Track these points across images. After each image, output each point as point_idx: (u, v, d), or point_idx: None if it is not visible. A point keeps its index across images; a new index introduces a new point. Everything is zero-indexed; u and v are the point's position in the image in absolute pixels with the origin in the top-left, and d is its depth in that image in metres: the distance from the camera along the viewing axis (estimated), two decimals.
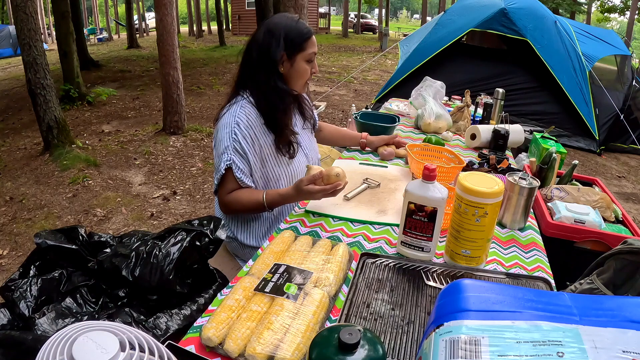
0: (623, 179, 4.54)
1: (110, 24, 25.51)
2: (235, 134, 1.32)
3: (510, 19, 5.07)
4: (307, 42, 1.38)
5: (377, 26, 24.87)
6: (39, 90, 4.24)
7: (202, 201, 3.61)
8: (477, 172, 1.06)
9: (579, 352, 0.51)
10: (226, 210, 1.41)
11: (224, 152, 1.32)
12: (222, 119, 1.37)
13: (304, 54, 1.38)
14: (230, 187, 1.35)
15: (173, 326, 1.30)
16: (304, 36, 1.38)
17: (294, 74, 1.40)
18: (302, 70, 1.40)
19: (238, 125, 1.32)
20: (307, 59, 1.40)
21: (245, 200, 1.35)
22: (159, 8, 4.85)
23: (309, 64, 1.42)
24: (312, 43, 1.40)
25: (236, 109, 1.35)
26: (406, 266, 1.04)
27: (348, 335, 0.59)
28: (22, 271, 1.48)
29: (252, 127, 1.35)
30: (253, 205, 1.35)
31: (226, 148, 1.32)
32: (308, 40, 1.38)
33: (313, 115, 1.67)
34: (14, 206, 3.52)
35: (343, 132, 1.94)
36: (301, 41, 1.37)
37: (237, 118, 1.33)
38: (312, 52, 1.40)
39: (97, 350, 0.51)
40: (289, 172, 1.47)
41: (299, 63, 1.39)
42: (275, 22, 1.38)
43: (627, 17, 17.87)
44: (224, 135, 1.33)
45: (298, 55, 1.38)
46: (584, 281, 1.15)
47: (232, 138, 1.32)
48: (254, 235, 1.49)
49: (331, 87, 8.30)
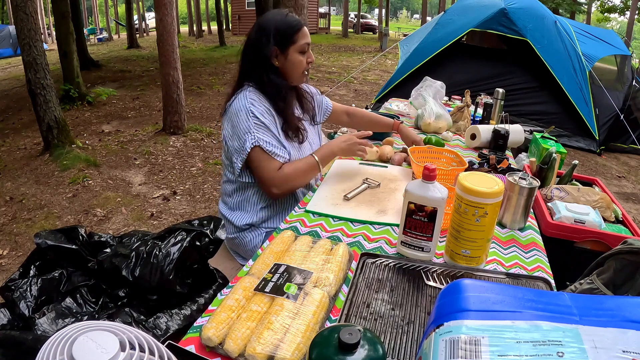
0: (623, 179, 4.54)
1: (110, 24, 25.52)
2: (252, 112, 1.35)
3: (510, 19, 5.07)
4: (297, 33, 1.40)
5: (377, 26, 24.87)
6: (39, 90, 4.24)
7: (202, 201, 3.61)
8: (477, 172, 1.06)
9: (579, 352, 0.51)
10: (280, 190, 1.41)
11: (246, 131, 1.35)
12: (233, 106, 1.39)
13: (296, 45, 1.41)
14: (269, 164, 1.38)
15: (173, 326, 1.30)
16: (294, 28, 1.40)
17: (289, 66, 1.43)
18: (296, 61, 1.43)
19: (253, 104, 1.36)
20: (300, 50, 1.42)
21: (302, 164, 1.43)
22: (159, 8, 4.84)
23: (303, 55, 1.44)
24: (303, 34, 1.41)
25: (245, 93, 1.39)
26: (406, 266, 1.04)
27: (348, 335, 0.59)
28: (22, 271, 1.48)
29: (264, 105, 1.39)
30: (309, 167, 1.44)
31: (247, 129, 1.35)
32: (299, 32, 1.40)
33: (313, 107, 1.67)
34: (14, 206, 3.52)
35: (374, 119, 1.92)
36: (292, 33, 1.39)
37: (250, 99, 1.37)
38: (304, 43, 1.42)
39: (97, 350, 0.51)
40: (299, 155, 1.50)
41: (292, 55, 1.41)
42: (265, 19, 1.42)
43: (627, 17, 17.87)
44: (241, 119, 1.36)
45: (290, 48, 1.40)
46: (584, 281, 1.15)
47: (250, 118, 1.35)
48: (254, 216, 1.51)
49: (331, 87, 8.30)
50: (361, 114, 1.88)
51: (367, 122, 1.89)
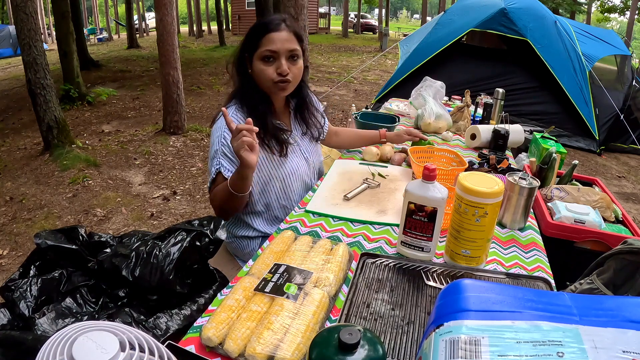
0: (623, 179, 4.54)
1: (110, 24, 25.53)
2: (224, 137, 1.29)
3: (510, 19, 5.07)
4: (261, 39, 1.26)
5: (377, 26, 24.87)
6: (39, 90, 4.24)
7: (202, 201, 3.61)
8: (477, 172, 1.06)
9: (579, 352, 0.51)
10: (214, 209, 1.36)
11: (214, 156, 1.31)
12: (216, 123, 1.35)
13: (257, 52, 1.28)
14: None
15: (173, 326, 1.31)
16: (260, 32, 1.26)
17: (256, 74, 1.32)
18: (258, 71, 1.30)
19: (227, 130, 1.29)
20: (261, 57, 1.28)
21: (218, 189, 1.27)
22: (159, 8, 4.85)
23: (267, 64, 1.28)
24: (268, 40, 1.25)
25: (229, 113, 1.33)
26: (406, 266, 1.04)
27: (348, 335, 0.59)
28: (22, 271, 1.48)
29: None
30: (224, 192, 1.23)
31: (216, 152, 1.30)
32: (263, 37, 1.26)
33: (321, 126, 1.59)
34: (14, 206, 3.52)
35: (361, 134, 1.88)
36: (256, 37, 1.26)
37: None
38: (265, 50, 1.26)
39: (97, 350, 0.51)
40: (280, 174, 1.41)
41: (255, 63, 1.30)
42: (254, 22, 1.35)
43: (627, 17, 17.87)
44: (215, 139, 1.32)
45: (254, 55, 1.29)
46: (584, 281, 1.15)
47: (221, 142, 1.29)
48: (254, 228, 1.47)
49: (331, 87, 8.30)
50: (347, 132, 1.85)
51: (354, 138, 1.86)
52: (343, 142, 1.85)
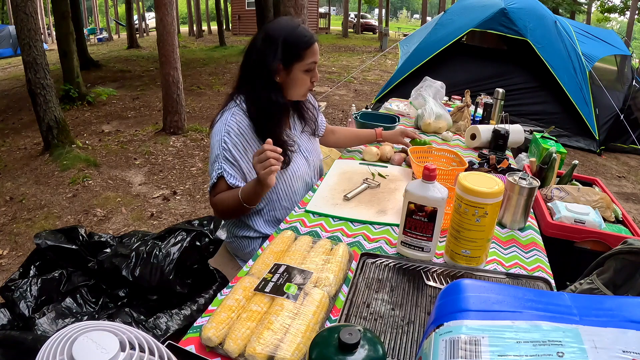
0: (623, 179, 4.54)
1: (110, 24, 25.53)
2: (225, 142, 1.29)
3: (510, 19, 5.07)
4: (306, 51, 1.31)
5: (377, 26, 24.84)
6: (39, 90, 4.24)
7: (202, 201, 3.61)
8: (477, 172, 1.06)
9: (579, 352, 0.51)
10: (216, 212, 1.38)
11: (215, 160, 1.30)
12: (215, 126, 1.34)
13: (302, 63, 1.32)
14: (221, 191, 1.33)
15: (173, 326, 1.31)
16: (303, 45, 1.30)
17: (291, 83, 1.34)
18: (299, 80, 1.34)
19: (228, 134, 1.29)
20: (306, 69, 1.33)
21: (225, 196, 1.30)
22: (159, 8, 4.85)
23: (308, 74, 1.35)
24: (312, 52, 1.32)
25: (227, 116, 1.32)
26: (406, 266, 1.04)
27: (348, 335, 0.59)
28: (22, 271, 1.48)
29: (243, 135, 1.32)
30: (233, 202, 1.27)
31: (217, 157, 1.30)
32: (307, 50, 1.31)
33: (315, 119, 1.60)
34: (14, 206, 3.51)
35: (357, 133, 1.89)
36: (299, 50, 1.30)
37: (228, 126, 1.30)
38: (311, 62, 1.33)
39: (97, 350, 0.51)
40: (282, 177, 1.42)
41: (295, 73, 1.33)
42: (274, 28, 1.33)
43: (627, 17, 17.86)
44: (215, 144, 1.32)
45: (295, 65, 1.31)
46: (584, 281, 1.15)
47: (222, 147, 1.29)
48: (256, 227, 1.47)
49: (331, 87, 8.30)
50: (344, 130, 1.86)
51: (351, 137, 1.87)
52: (340, 140, 1.85)
